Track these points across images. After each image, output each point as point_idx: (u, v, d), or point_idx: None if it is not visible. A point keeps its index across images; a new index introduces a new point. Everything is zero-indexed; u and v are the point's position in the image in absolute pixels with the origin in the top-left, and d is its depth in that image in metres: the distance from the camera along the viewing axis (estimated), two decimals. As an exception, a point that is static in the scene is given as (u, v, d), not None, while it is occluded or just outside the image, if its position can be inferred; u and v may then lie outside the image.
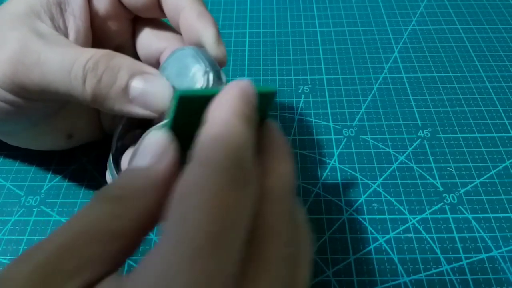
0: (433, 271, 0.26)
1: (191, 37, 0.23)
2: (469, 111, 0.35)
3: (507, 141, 0.32)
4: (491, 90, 0.36)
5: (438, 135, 0.33)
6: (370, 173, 0.31)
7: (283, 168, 0.15)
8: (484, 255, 0.26)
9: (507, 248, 0.27)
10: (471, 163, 0.31)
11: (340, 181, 0.30)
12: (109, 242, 0.13)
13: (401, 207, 0.29)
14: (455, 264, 0.26)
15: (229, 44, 0.41)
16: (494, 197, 0.29)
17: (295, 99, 0.36)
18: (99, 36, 0.26)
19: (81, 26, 0.24)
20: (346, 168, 0.31)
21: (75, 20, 0.24)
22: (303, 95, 0.36)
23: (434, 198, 0.29)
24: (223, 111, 0.14)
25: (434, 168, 0.31)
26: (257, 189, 0.14)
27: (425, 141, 0.33)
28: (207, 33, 0.22)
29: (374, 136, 0.33)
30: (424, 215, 0.28)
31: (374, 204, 0.29)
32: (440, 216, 0.28)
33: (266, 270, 0.13)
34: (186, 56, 0.21)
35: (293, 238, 0.15)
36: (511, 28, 0.42)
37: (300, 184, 0.30)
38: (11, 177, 0.31)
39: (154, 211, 0.14)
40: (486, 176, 0.30)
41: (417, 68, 0.38)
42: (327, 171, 0.31)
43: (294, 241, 0.15)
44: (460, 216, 0.28)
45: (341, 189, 0.30)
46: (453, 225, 0.28)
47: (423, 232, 0.27)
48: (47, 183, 0.31)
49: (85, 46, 0.23)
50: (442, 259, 0.26)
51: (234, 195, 0.12)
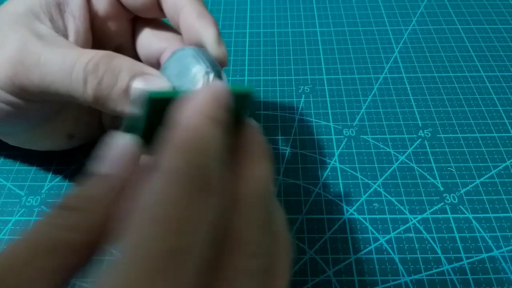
0: (434, 270, 0.26)
1: (191, 37, 0.23)
2: (470, 111, 0.35)
3: (507, 141, 0.32)
4: (491, 90, 0.36)
5: (438, 135, 0.33)
6: (370, 173, 0.31)
7: (258, 172, 0.14)
8: (484, 255, 0.26)
9: (508, 248, 0.27)
10: (471, 163, 0.31)
11: (340, 181, 0.30)
12: (60, 256, 0.12)
13: (402, 207, 0.29)
14: (456, 264, 0.26)
15: (229, 44, 0.41)
16: (494, 197, 0.29)
17: (295, 99, 0.36)
18: (99, 36, 0.26)
19: (80, 27, 0.24)
20: (347, 168, 0.31)
21: (75, 20, 0.23)
22: (304, 95, 0.36)
23: (434, 198, 0.29)
24: (191, 114, 0.13)
25: (435, 168, 0.31)
26: (224, 198, 0.13)
27: (426, 141, 0.33)
28: (207, 33, 0.22)
29: (374, 136, 0.33)
30: (424, 215, 0.28)
31: (375, 204, 0.29)
32: (440, 216, 0.28)
33: (233, 284, 0.12)
34: (187, 57, 0.21)
35: (266, 248, 0.13)
36: (511, 28, 0.42)
37: (301, 184, 0.30)
38: (11, 177, 0.31)
39: (111, 223, 0.13)
40: (486, 176, 0.30)
41: (417, 68, 0.38)
42: (327, 171, 0.31)
43: (268, 251, 0.14)
44: (461, 216, 0.28)
45: (342, 189, 0.30)
46: (453, 225, 0.28)
47: (424, 232, 0.27)
48: (48, 183, 0.31)
49: (85, 47, 0.23)
50: (443, 258, 0.26)
51: (195, 206, 0.11)
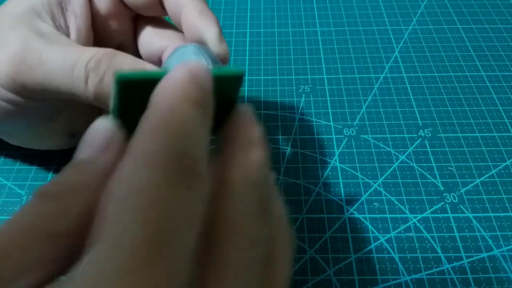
0: (434, 270, 0.26)
1: (193, 35, 0.23)
2: (470, 110, 0.35)
3: (507, 141, 0.32)
4: (491, 90, 0.36)
5: (438, 135, 0.33)
6: (371, 173, 0.31)
7: (248, 159, 0.13)
8: (485, 254, 0.26)
9: (508, 247, 0.27)
10: (471, 162, 0.31)
11: (341, 181, 0.30)
12: (48, 244, 0.11)
13: (402, 206, 0.29)
14: (456, 263, 0.26)
15: (230, 44, 0.41)
16: (494, 196, 0.29)
17: (295, 99, 0.36)
18: (100, 35, 0.26)
19: (82, 25, 0.24)
20: (347, 168, 0.31)
21: (76, 19, 0.24)
22: (304, 95, 0.36)
23: (435, 197, 0.29)
24: (168, 95, 0.12)
25: (435, 167, 0.31)
26: (209, 184, 0.12)
27: (426, 140, 0.33)
28: (209, 30, 0.22)
29: (375, 135, 0.33)
30: (425, 214, 0.28)
31: (375, 203, 0.29)
32: (441, 215, 0.28)
33: (226, 276, 0.11)
34: (188, 54, 0.21)
35: (264, 236, 0.13)
36: (511, 28, 0.42)
37: (301, 184, 0.30)
38: (12, 177, 0.31)
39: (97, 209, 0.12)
40: (486, 176, 0.30)
41: (418, 67, 0.38)
42: (328, 170, 0.31)
43: (265, 239, 0.13)
44: (461, 215, 0.28)
45: (342, 189, 0.30)
46: (454, 224, 0.28)
47: (424, 231, 0.27)
48: (48, 183, 0.31)
49: (86, 45, 0.23)
50: (443, 258, 0.26)
51: (177, 193, 0.11)
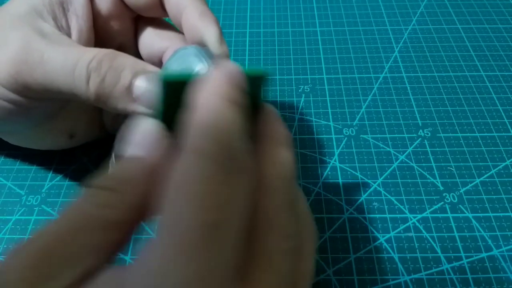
0: (434, 270, 0.26)
1: (193, 36, 0.23)
2: (469, 110, 0.35)
3: (507, 141, 0.32)
4: (491, 90, 0.36)
5: (438, 135, 0.33)
6: (370, 172, 0.31)
7: (282, 156, 0.14)
8: (484, 254, 0.26)
9: (508, 247, 0.27)
10: (471, 162, 0.31)
11: (340, 180, 0.30)
12: (103, 233, 0.13)
13: (402, 206, 0.29)
14: (455, 263, 0.26)
15: (230, 44, 0.41)
16: (494, 196, 0.29)
17: (295, 99, 0.36)
18: (102, 35, 0.26)
19: (83, 26, 0.24)
20: (347, 168, 0.31)
21: (78, 19, 0.24)
22: (304, 95, 0.36)
23: (434, 197, 0.29)
24: (210, 96, 0.13)
25: (435, 167, 0.31)
26: (253, 178, 0.13)
27: (426, 140, 0.33)
28: (209, 32, 0.22)
29: (374, 135, 0.33)
30: (424, 214, 0.28)
31: (375, 203, 0.29)
32: (440, 215, 0.28)
33: (268, 265, 0.13)
34: (189, 55, 0.21)
35: (295, 229, 0.14)
36: (511, 27, 0.42)
37: (301, 183, 0.30)
38: (12, 177, 0.31)
39: (147, 202, 0.13)
40: (486, 175, 0.30)
41: (417, 67, 0.38)
42: (327, 170, 0.31)
43: (296, 233, 0.14)
44: (461, 215, 0.28)
45: (342, 188, 0.30)
46: (453, 224, 0.28)
47: (424, 231, 0.28)
48: (48, 183, 0.31)
49: (87, 46, 0.23)
50: (442, 258, 0.26)
51: (229, 184, 0.12)
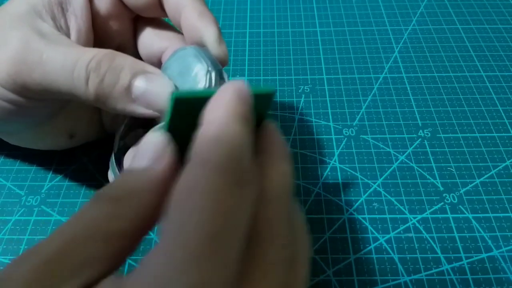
0: (434, 270, 0.26)
1: (192, 37, 0.23)
2: (469, 110, 0.35)
3: (507, 141, 0.32)
4: (491, 90, 0.36)
5: (438, 135, 0.33)
6: (370, 173, 0.31)
7: (282, 169, 0.15)
8: (484, 255, 0.26)
9: (508, 248, 0.27)
10: (471, 162, 0.31)
11: (340, 181, 0.30)
12: (108, 243, 0.13)
13: (402, 207, 0.29)
14: (455, 264, 0.26)
15: (230, 44, 0.41)
16: (494, 196, 0.29)
17: (295, 99, 0.36)
18: (101, 35, 0.26)
19: (82, 26, 0.24)
20: (347, 168, 0.31)
21: (77, 19, 0.24)
22: (304, 95, 0.36)
23: (434, 197, 0.29)
24: (220, 112, 0.14)
25: (435, 167, 0.31)
26: (256, 191, 0.14)
27: (426, 140, 0.33)
28: (208, 32, 0.22)
29: (374, 135, 0.33)
30: (424, 215, 0.28)
31: (375, 204, 0.29)
32: (440, 215, 0.28)
33: (266, 272, 0.13)
34: (188, 56, 0.21)
35: (292, 239, 0.15)
36: (511, 28, 0.42)
37: (301, 184, 0.30)
38: (11, 177, 0.31)
39: (152, 212, 0.14)
40: (486, 176, 0.30)
41: (417, 67, 0.38)
42: (327, 170, 0.31)
43: (293, 242, 0.15)
44: (461, 215, 0.28)
45: (342, 189, 0.30)
46: (453, 224, 0.28)
47: (424, 231, 0.28)
48: (48, 183, 0.31)
49: (86, 46, 0.23)
50: (442, 258, 0.26)
51: (234, 196, 0.12)
